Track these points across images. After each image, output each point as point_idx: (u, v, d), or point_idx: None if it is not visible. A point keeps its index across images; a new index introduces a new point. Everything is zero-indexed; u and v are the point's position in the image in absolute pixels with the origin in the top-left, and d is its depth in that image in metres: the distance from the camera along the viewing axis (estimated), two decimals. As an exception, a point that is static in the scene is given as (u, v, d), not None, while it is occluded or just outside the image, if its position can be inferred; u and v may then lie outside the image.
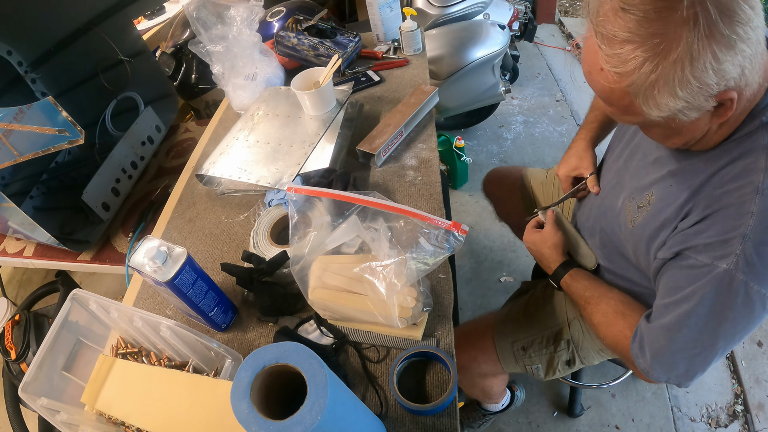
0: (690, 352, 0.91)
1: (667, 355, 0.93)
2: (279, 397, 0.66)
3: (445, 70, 2.76)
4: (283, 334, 1.08)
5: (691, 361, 0.92)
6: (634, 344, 0.99)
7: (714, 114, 0.78)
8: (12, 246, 1.78)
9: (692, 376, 0.93)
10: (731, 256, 0.82)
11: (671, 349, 0.92)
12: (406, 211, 1.01)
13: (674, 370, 0.94)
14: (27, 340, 1.56)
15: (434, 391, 0.98)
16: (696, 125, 0.82)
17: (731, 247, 0.82)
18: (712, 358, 0.90)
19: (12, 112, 1.27)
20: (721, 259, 0.83)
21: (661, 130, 0.87)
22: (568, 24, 4.55)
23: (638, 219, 1.02)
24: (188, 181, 1.63)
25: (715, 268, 0.83)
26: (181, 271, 0.97)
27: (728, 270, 0.82)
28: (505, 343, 1.43)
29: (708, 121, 0.80)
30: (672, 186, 0.95)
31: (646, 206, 1.00)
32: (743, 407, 2.03)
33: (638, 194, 1.04)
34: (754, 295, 0.82)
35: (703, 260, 0.85)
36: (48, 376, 1.00)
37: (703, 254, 0.85)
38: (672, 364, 0.93)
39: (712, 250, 0.84)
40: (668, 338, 0.92)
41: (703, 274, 0.85)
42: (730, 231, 0.82)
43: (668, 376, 0.95)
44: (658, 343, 0.94)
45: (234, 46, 1.63)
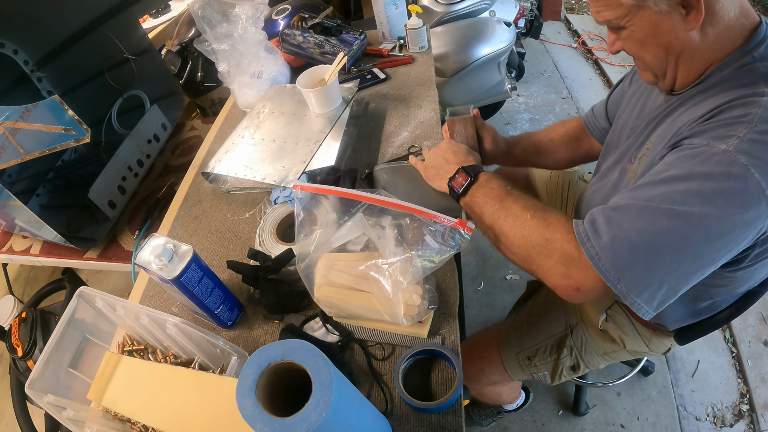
0: (659, 243, 0.77)
1: (629, 241, 0.79)
2: (284, 395, 0.66)
3: (450, 68, 2.76)
4: (289, 331, 1.08)
5: (653, 259, 0.78)
6: (580, 226, 0.86)
7: (686, 19, 0.81)
8: (19, 244, 1.79)
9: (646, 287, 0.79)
10: (732, 138, 0.75)
11: (638, 234, 0.79)
12: (412, 208, 1.00)
13: (630, 267, 0.79)
14: (34, 338, 1.57)
15: (439, 388, 0.98)
16: (669, 26, 0.83)
17: (733, 130, 0.76)
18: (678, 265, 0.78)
19: (18, 110, 1.27)
20: (720, 140, 0.76)
21: (637, 29, 0.86)
22: (574, 21, 4.54)
23: (639, 168, 0.97)
24: (194, 179, 1.63)
25: (712, 149, 0.77)
26: (187, 269, 0.97)
27: (727, 150, 0.75)
28: (511, 354, 1.44)
29: (682, 24, 0.82)
30: (667, 123, 0.94)
31: (645, 154, 0.97)
32: (749, 407, 2.02)
33: (637, 151, 1.02)
34: (753, 187, 0.74)
35: (698, 143, 0.79)
36: (54, 373, 1.00)
37: (700, 138, 0.80)
38: (631, 256, 0.79)
39: (710, 133, 0.79)
40: (637, 218, 0.80)
41: (695, 155, 0.78)
42: (734, 119, 0.78)
43: (620, 272, 0.80)
44: (623, 223, 0.81)
45: (239, 44, 1.63)
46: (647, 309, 0.81)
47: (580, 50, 4.23)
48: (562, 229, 0.89)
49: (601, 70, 3.94)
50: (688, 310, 1.13)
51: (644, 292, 0.80)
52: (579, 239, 0.85)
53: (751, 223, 0.76)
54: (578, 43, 4.28)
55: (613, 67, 3.89)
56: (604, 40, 4.19)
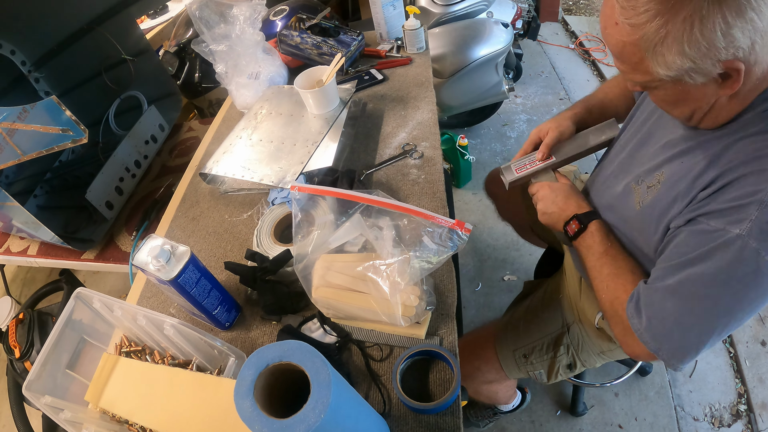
0: (687, 321, 0.87)
1: (662, 320, 0.89)
2: (282, 396, 0.66)
3: (448, 69, 2.76)
4: (287, 332, 1.08)
5: (685, 333, 0.87)
6: (630, 304, 0.96)
7: (721, 85, 0.79)
8: (16, 245, 1.79)
9: (684, 353, 0.88)
10: (745, 222, 0.79)
11: (667, 314, 0.88)
12: (410, 209, 1.00)
13: (667, 341, 0.89)
14: (31, 339, 1.56)
15: (437, 389, 0.98)
16: (703, 93, 0.82)
17: (746, 213, 0.79)
18: (709, 335, 0.86)
19: (16, 111, 1.27)
20: (734, 224, 0.80)
21: (668, 93, 0.86)
22: (571, 22, 4.55)
23: (647, 199, 1.00)
24: (192, 180, 1.63)
25: (727, 233, 0.81)
26: (184, 270, 0.97)
27: (740, 235, 0.79)
28: (507, 352, 1.44)
29: (715, 91, 0.81)
30: (683, 163, 0.94)
31: (656, 185, 0.99)
32: (747, 407, 2.03)
33: (647, 176, 1.02)
34: (764, 267, 0.79)
35: (714, 225, 0.83)
36: (52, 375, 1.00)
37: (716, 219, 0.83)
38: (665, 332, 0.89)
39: (725, 215, 0.82)
40: (666, 300, 0.88)
41: (713, 239, 0.83)
42: (747, 197, 0.80)
43: (659, 345, 0.90)
44: (656, 304, 0.90)
45: (237, 45, 1.63)
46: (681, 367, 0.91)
47: (578, 51, 4.24)
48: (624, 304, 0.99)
49: (599, 71, 3.95)
50: None
51: (682, 360, 0.90)
52: (628, 315, 0.96)
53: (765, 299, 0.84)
54: (576, 44, 4.29)
55: (610, 68, 3.90)
56: (602, 41, 4.20)
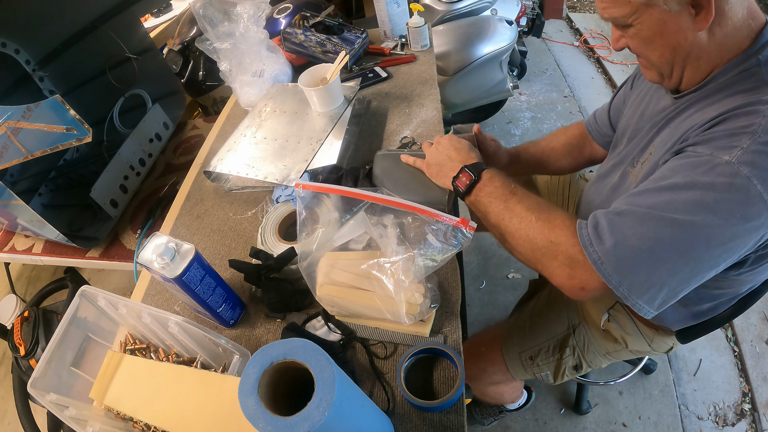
0: (660, 250, 0.79)
1: (631, 247, 0.81)
2: (287, 394, 0.66)
3: (452, 66, 2.76)
4: (291, 330, 1.08)
5: (656, 265, 0.80)
6: (586, 229, 0.87)
7: (695, 19, 0.80)
8: (21, 243, 1.79)
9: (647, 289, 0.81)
10: (735, 150, 0.76)
11: (639, 240, 0.80)
12: (414, 207, 1.00)
13: (632, 272, 0.81)
14: (36, 337, 1.57)
15: (442, 387, 0.98)
16: (678, 26, 0.82)
17: (737, 141, 0.76)
18: (678, 270, 0.80)
19: (20, 110, 1.27)
20: (723, 150, 0.77)
21: (645, 28, 0.85)
22: (576, 19, 4.53)
23: (641, 173, 0.98)
24: (196, 178, 1.63)
25: (715, 159, 0.77)
26: (189, 268, 0.97)
27: (730, 162, 0.75)
28: (513, 354, 1.44)
29: (690, 24, 0.82)
30: (670, 128, 0.94)
31: (648, 158, 0.98)
32: (751, 406, 2.02)
33: (640, 155, 1.02)
34: (755, 198, 0.75)
35: (701, 151, 0.79)
36: (57, 372, 1.00)
37: (704, 146, 0.80)
38: (633, 261, 0.81)
39: (714, 143, 0.79)
40: (641, 224, 0.81)
41: (699, 164, 0.79)
42: (738, 129, 0.78)
43: (622, 276, 0.82)
44: (626, 228, 0.82)
45: (241, 43, 1.63)
46: (648, 309, 0.84)
47: (582, 49, 4.23)
48: (567, 231, 0.90)
49: (603, 68, 3.94)
50: (690, 311, 1.13)
51: (645, 294, 0.82)
52: (582, 243, 0.87)
53: (752, 231, 0.78)
54: (580, 42, 4.27)
55: (615, 65, 3.89)
56: (606, 39, 4.19)
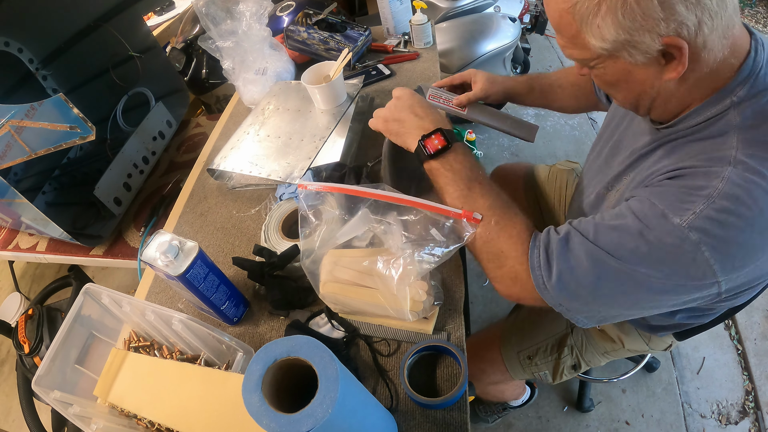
0: (604, 292, 0.81)
1: (577, 280, 0.81)
2: (290, 391, 0.66)
3: (455, 64, 2.75)
4: (294, 327, 1.08)
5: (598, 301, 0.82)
6: (536, 250, 0.86)
7: (665, 67, 0.75)
8: (25, 241, 1.80)
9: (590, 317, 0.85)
10: (688, 213, 0.73)
11: (586, 276, 0.80)
12: (417, 203, 1.00)
13: (575, 300, 0.83)
14: (40, 334, 1.57)
15: (445, 384, 0.98)
16: (645, 75, 0.78)
17: (691, 204, 0.73)
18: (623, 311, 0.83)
19: (24, 109, 1.28)
20: (677, 212, 0.74)
21: (608, 72, 0.81)
22: (579, 17, 4.52)
23: (612, 202, 0.98)
24: (199, 176, 1.63)
25: (666, 218, 0.74)
26: (192, 265, 0.97)
27: (680, 226, 0.73)
28: (512, 354, 1.43)
29: (658, 74, 0.77)
30: (643, 168, 0.92)
31: (620, 188, 0.97)
32: (754, 404, 2.02)
33: (616, 182, 1.01)
34: (701, 263, 0.73)
35: (659, 205, 0.76)
36: (61, 370, 1.01)
37: (661, 200, 0.77)
38: (577, 292, 0.82)
39: (670, 199, 0.76)
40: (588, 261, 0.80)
41: (653, 216, 0.76)
42: (694, 189, 0.75)
43: (564, 303, 0.84)
44: (573, 261, 0.82)
45: (244, 41, 1.63)
46: (587, 323, 0.87)
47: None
48: (520, 247, 0.89)
49: (607, 65, 3.92)
50: (685, 316, 1.09)
51: (582, 314, 0.86)
52: (531, 265, 0.87)
53: (694, 292, 0.77)
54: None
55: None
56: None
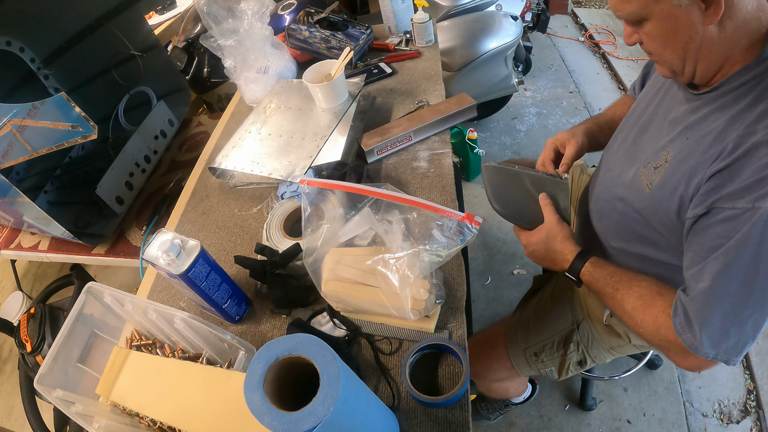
0: (740, 314, 0.83)
1: (717, 323, 0.85)
2: (292, 389, 0.66)
3: (457, 62, 2.75)
4: (296, 326, 1.08)
5: (741, 327, 0.84)
6: (677, 318, 0.91)
7: (705, 13, 0.81)
8: (27, 240, 1.80)
9: (743, 346, 0.86)
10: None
11: (720, 314, 0.84)
12: (419, 203, 1.00)
13: (725, 342, 0.86)
14: (42, 333, 1.57)
15: (446, 383, 0.98)
16: (689, 21, 0.83)
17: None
18: (763, 319, 0.84)
19: (25, 108, 1.28)
20: (763, 198, 0.77)
21: (658, 26, 0.87)
22: (581, 15, 4.51)
23: (655, 179, 0.98)
24: (201, 175, 1.63)
25: (758, 210, 0.77)
26: (194, 264, 0.97)
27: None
28: (518, 350, 1.43)
29: (700, 19, 0.82)
30: (689, 139, 0.93)
31: (663, 165, 0.98)
32: (756, 403, 2.01)
33: (653, 158, 1.01)
34: None
35: (741, 206, 0.80)
36: (63, 368, 1.01)
37: (741, 199, 0.80)
38: (722, 333, 0.85)
39: (749, 192, 0.79)
40: (715, 301, 0.84)
41: (743, 222, 0.79)
42: (766, 168, 0.78)
43: (717, 350, 0.86)
44: (705, 310, 0.85)
45: (245, 40, 1.63)
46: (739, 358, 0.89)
47: (588, 44, 4.21)
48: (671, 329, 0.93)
49: (609, 64, 3.92)
50: None
51: (743, 350, 0.87)
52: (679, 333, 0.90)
53: None
54: (585, 37, 4.25)
55: (620, 61, 3.87)
56: (612, 34, 4.17)
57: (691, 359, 0.92)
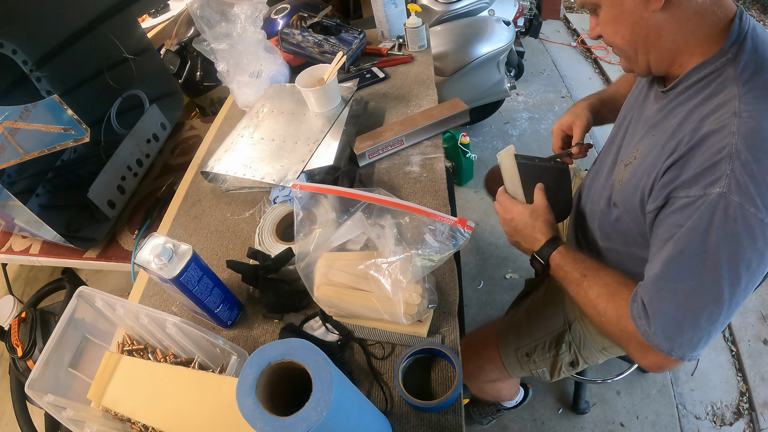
0: (693, 304, 0.82)
1: (670, 313, 0.84)
2: (284, 394, 0.66)
3: (450, 67, 2.76)
4: (289, 330, 1.08)
5: (695, 319, 0.83)
6: (634, 305, 0.91)
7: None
8: (18, 244, 1.79)
9: (698, 342, 0.84)
10: (722, 179, 0.77)
11: (672, 304, 0.84)
12: (412, 207, 1.00)
13: (680, 335, 0.84)
14: (33, 338, 1.56)
15: (439, 387, 0.98)
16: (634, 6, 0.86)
17: (720, 170, 0.77)
18: (718, 313, 0.82)
19: (17, 110, 1.27)
20: (712, 184, 0.78)
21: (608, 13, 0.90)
22: (573, 20, 4.54)
23: (625, 176, 1.00)
24: (193, 179, 1.63)
25: (708, 197, 0.78)
26: (186, 268, 0.97)
27: (722, 193, 0.77)
28: (510, 351, 1.44)
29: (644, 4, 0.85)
30: (654, 136, 0.95)
31: (631, 162, 1.00)
32: (748, 405, 2.02)
33: (626, 156, 1.04)
34: (752, 221, 0.76)
35: (693, 193, 0.80)
36: (54, 373, 1.00)
37: (693, 187, 0.81)
38: (676, 325, 0.84)
39: (701, 179, 0.80)
40: (666, 289, 0.84)
41: (695, 209, 0.80)
42: (715, 155, 0.79)
43: (672, 344, 0.85)
44: (658, 298, 0.86)
45: (238, 44, 1.63)
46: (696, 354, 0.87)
47: (579, 49, 4.23)
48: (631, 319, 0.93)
49: (600, 68, 3.94)
50: None
51: (698, 346, 0.85)
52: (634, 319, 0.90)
53: None
54: (577, 42, 4.28)
55: (612, 66, 3.89)
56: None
57: (650, 355, 0.91)
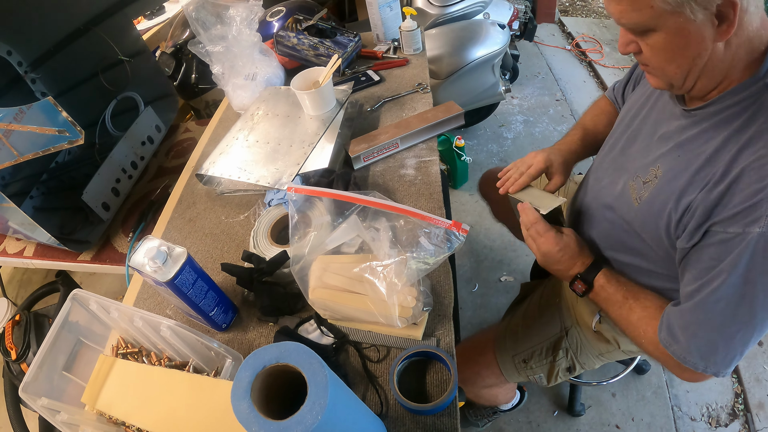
0: (728, 330, 0.87)
1: (704, 336, 0.88)
2: (279, 397, 0.66)
3: (445, 70, 2.77)
4: (284, 333, 1.08)
5: (729, 341, 0.87)
6: (661, 334, 0.95)
7: (717, 29, 0.79)
8: (12, 246, 1.78)
9: (731, 360, 0.89)
10: (762, 219, 0.78)
11: (708, 328, 0.88)
12: (407, 210, 1.00)
13: (713, 355, 0.89)
14: (27, 341, 1.56)
15: (434, 390, 0.98)
16: (700, 37, 0.81)
17: (760, 210, 0.79)
18: (750, 335, 0.86)
19: (12, 112, 1.27)
20: (753, 224, 0.80)
21: (666, 38, 0.83)
22: (568, 23, 4.56)
23: (644, 195, 1.00)
24: (188, 181, 1.63)
25: (748, 235, 0.80)
26: (181, 271, 0.97)
27: (762, 233, 0.79)
28: (507, 357, 1.44)
29: (711, 35, 0.80)
30: (680, 156, 0.94)
31: (652, 180, 0.98)
32: (743, 406, 2.03)
33: (642, 171, 1.02)
34: None
35: (733, 230, 0.82)
36: (48, 377, 1.00)
37: (733, 225, 0.82)
38: (710, 347, 0.89)
39: (741, 218, 0.81)
40: (704, 317, 0.88)
41: (735, 245, 0.82)
42: (756, 194, 0.79)
43: (707, 362, 0.89)
44: (694, 324, 0.89)
45: (234, 46, 1.63)
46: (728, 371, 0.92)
47: (574, 52, 4.24)
48: None
49: (595, 72, 3.96)
50: None
51: (731, 364, 0.90)
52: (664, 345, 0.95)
53: None
54: (572, 46, 4.29)
55: (606, 69, 3.91)
56: (598, 43, 4.21)
57: (687, 371, 0.95)
